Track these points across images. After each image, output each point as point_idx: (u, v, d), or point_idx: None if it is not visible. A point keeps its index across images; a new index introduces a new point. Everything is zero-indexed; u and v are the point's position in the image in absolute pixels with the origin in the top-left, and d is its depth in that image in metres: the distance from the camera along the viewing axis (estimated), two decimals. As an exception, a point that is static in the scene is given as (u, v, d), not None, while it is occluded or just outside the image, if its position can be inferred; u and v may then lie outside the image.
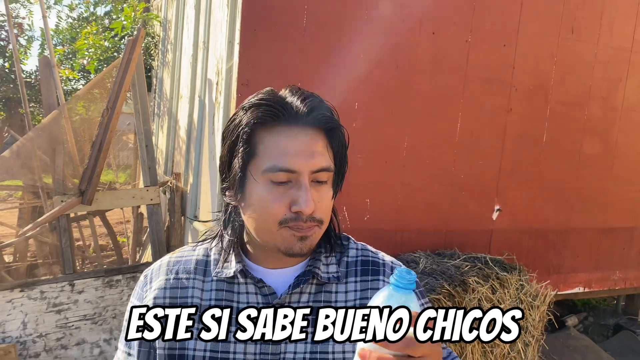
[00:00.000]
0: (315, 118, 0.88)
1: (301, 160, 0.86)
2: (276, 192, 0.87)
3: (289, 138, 0.87)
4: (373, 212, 3.08)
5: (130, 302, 1.02)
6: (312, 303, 0.95)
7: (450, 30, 3.14)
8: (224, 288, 0.96)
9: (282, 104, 0.88)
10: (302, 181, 0.86)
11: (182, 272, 0.99)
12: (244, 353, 0.92)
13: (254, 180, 0.88)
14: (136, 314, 0.96)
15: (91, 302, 3.34)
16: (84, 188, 3.40)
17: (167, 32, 5.60)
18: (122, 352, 1.00)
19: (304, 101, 0.89)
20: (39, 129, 3.45)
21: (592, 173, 3.79)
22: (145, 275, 1.02)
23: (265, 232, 0.90)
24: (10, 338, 3.12)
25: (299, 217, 0.87)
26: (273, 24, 2.70)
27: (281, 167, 0.86)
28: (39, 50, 8.26)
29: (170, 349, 0.94)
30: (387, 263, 1.04)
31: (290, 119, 0.88)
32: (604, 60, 3.67)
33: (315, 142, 0.88)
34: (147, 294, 0.98)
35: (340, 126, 0.92)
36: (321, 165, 0.87)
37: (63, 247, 3.49)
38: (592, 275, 3.94)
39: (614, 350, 3.74)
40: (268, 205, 0.87)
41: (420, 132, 3.15)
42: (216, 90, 3.16)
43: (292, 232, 0.87)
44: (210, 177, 3.23)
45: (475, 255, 3.13)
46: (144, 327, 0.94)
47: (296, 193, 0.87)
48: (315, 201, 0.87)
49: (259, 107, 0.88)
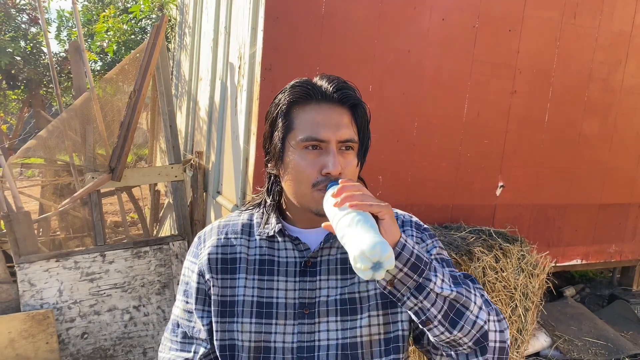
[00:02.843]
0: (341, 96, 1.07)
1: (329, 131, 1.03)
2: (309, 158, 1.03)
3: (319, 113, 1.05)
4: (385, 188, 3.25)
5: (187, 260, 1.19)
6: (340, 255, 1.12)
7: (458, 16, 3.27)
8: (266, 245, 1.13)
9: (313, 85, 1.07)
10: (331, 149, 1.03)
11: (231, 233, 1.16)
12: (285, 298, 1.09)
13: (291, 149, 1.06)
14: (193, 267, 1.16)
15: (121, 271, 3.48)
16: (114, 165, 3.61)
17: (184, 16, 5.73)
18: (181, 301, 1.18)
19: (330, 83, 1.07)
20: (71, 110, 3.65)
21: (591, 152, 3.93)
22: (199, 236, 1.20)
23: (301, 194, 1.06)
24: (48, 304, 3.28)
25: (328, 179, 1.02)
26: (293, 11, 2.84)
27: (313, 137, 1.03)
28: (56, 33, 8.35)
29: (223, 295, 1.10)
30: (399, 216, 1.21)
31: (320, 98, 1.06)
32: (604, 44, 3.79)
33: (341, 116, 1.06)
34: (201, 251, 1.15)
35: (362, 103, 1.11)
36: (347, 135, 1.05)
37: (95, 221, 3.70)
38: (589, 248, 4.12)
39: (608, 318, 3.94)
40: (303, 169, 1.04)
41: (429, 114, 3.30)
42: (239, 73, 3.33)
43: (322, 194, 1.01)
44: (233, 156, 3.41)
45: (480, 228, 3.29)
46: (200, 277, 1.13)
47: (326, 158, 1.02)
48: (342, 166, 1.04)
49: (294, 88, 1.08)
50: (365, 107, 1.12)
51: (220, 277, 1.11)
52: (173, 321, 1.19)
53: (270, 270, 1.11)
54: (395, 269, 0.93)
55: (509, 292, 3.01)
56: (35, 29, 7.28)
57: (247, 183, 3.11)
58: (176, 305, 1.19)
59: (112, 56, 6.24)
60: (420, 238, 1.17)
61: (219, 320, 1.10)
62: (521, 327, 3.11)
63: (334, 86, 1.07)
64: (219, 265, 1.11)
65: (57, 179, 4.34)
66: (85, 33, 7.71)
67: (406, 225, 1.19)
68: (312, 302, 1.09)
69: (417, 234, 1.17)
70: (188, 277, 1.16)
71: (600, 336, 3.60)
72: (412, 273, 0.94)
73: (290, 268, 1.10)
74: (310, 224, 1.13)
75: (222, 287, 1.10)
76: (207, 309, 1.12)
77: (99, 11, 7.82)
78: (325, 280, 1.10)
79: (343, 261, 1.11)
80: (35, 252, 3.33)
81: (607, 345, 3.51)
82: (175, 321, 1.18)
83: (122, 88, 4.17)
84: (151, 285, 3.58)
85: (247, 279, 1.10)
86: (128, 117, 3.62)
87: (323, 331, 1.08)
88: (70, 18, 8.49)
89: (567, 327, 3.68)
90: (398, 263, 0.92)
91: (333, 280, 1.10)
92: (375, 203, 0.92)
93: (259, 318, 1.08)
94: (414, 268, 0.94)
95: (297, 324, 1.08)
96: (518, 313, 3.07)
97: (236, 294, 1.10)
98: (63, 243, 4.30)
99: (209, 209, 4.01)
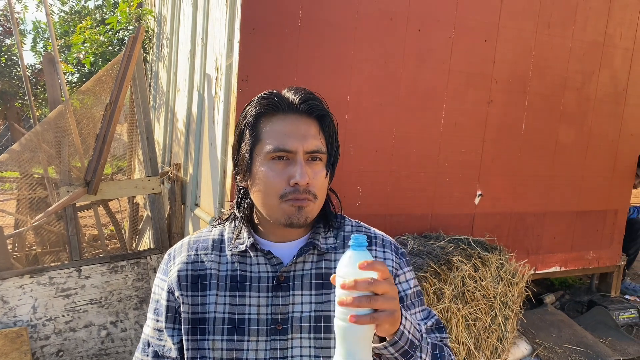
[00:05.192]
0: (308, 107, 1.07)
1: (296, 142, 1.04)
2: (277, 169, 1.04)
3: (286, 124, 1.06)
4: (364, 198, 3.26)
5: (157, 277, 1.17)
6: (314, 270, 1.11)
7: (434, 27, 3.30)
8: (237, 260, 1.11)
9: (280, 97, 1.08)
10: (298, 159, 1.03)
11: (201, 249, 1.14)
12: (258, 313, 1.08)
13: (259, 161, 1.07)
14: (162, 285, 1.14)
15: (97, 286, 3.42)
16: (89, 179, 3.56)
17: (162, 27, 5.70)
18: (151, 319, 1.16)
19: (297, 94, 1.09)
20: (45, 122, 3.59)
21: (568, 160, 3.98)
22: (169, 254, 1.18)
23: (269, 206, 1.06)
24: (22, 322, 3.20)
25: (296, 190, 1.02)
26: (270, 22, 2.84)
27: (280, 148, 1.04)
28: (32, 45, 8.24)
29: (193, 313, 1.09)
30: (378, 235, 1.22)
31: (287, 109, 1.07)
32: (578, 53, 3.86)
33: (308, 127, 1.07)
34: (171, 268, 1.13)
35: (329, 113, 1.11)
36: (314, 146, 1.06)
37: (70, 235, 3.63)
38: (568, 255, 4.16)
39: (587, 325, 3.97)
40: (270, 181, 1.04)
41: (407, 123, 3.31)
42: (216, 85, 3.32)
43: (290, 203, 1.02)
44: (211, 168, 3.38)
45: (459, 237, 3.29)
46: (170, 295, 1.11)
47: (293, 169, 1.03)
48: (310, 177, 1.04)
49: (261, 100, 1.09)
50: (333, 118, 1.13)
51: (190, 294, 1.09)
52: (144, 340, 1.17)
53: (242, 286, 1.09)
54: (386, 351, 0.96)
55: (488, 301, 3.02)
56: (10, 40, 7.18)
57: (225, 195, 3.08)
58: (147, 324, 1.17)
59: (89, 68, 6.18)
60: (398, 265, 1.17)
61: (189, 338, 1.08)
62: (501, 336, 3.12)
63: (301, 97, 1.08)
64: (189, 282, 1.10)
65: (32, 192, 4.27)
66: (62, 44, 7.62)
67: (387, 248, 1.19)
68: (285, 318, 1.07)
69: (396, 260, 1.18)
70: (158, 295, 1.15)
71: (580, 343, 3.62)
72: (402, 357, 0.97)
73: (263, 283, 1.09)
74: (283, 237, 1.12)
75: (193, 305, 1.09)
76: (178, 326, 1.11)
77: (75, 22, 7.74)
78: (299, 295, 1.08)
79: (318, 276, 1.10)
80: (8, 269, 3.26)
81: (587, 352, 3.53)
82: (145, 340, 1.16)
83: (100, 100, 4.12)
84: (128, 300, 3.52)
85: (217, 296, 1.08)
86: (104, 129, 3.58)
87: (296, 347, 1.06)
88: (46, 29, 8.38)
89: (547, 334, 3.70)
90: (391, 348, 0.95)
91: (307, 296, 1.09)
92: (381, 316, 0.87)
93: (231, 335, 1.06)
94: (405, 354, 0.97)
95: (269, 340, 1.06)
96: (498, 322, 3.08)
97: (207, 311, 1.08)
98: (38, 258, 4.22)
99: (187, 222, 3.97)
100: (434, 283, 2.82)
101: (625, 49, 4.06)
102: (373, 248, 1.18)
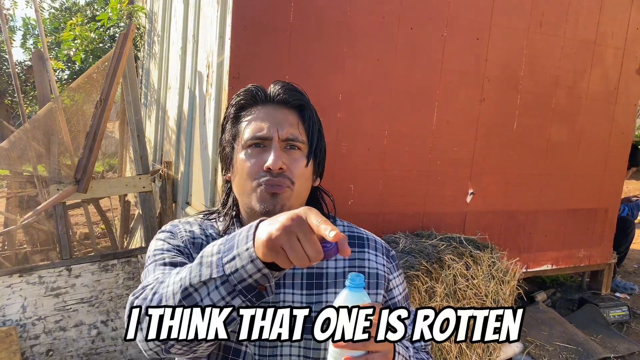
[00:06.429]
0: (286, 98, 1.09)
1: (272, 129, 1.05)
2: (253, 156, 1.05)
3: (264, 113, 1.08)
4: (356, 197, 3.25)
5: (179, 221, 1.15)
6: (306, 269, 1.09)
7: (427, 26, 3.29)
8: None
9: (259, 89, 1.10)
10: (273, 144, 1.04)
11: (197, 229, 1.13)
12: None
13: (238, 152, 1.08)
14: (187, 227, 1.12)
15: (88, 285, 3.39)
16: (79, 177, 3.53)
17: (153, 24, 5.66)
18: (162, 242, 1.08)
19: (277, 85, 1.10)
20: (34, 120, 3.56)
21: (559, 158, 3.99)
22: (173, 223, 1.15)
23: (246, 193, 1.06)
24: (11, 321, 3.17)
25: (270, 174, 1.02)
26: (262, 20, 2.83)
27: (256, 136, 1.05)
28: (22, 41, 8.18)
29: None
30: (371, 238, 1.21)
31: (266, 100, 1.10)
32: (570, 52, 3.86)
33: (285, 116, 1.08)
34: (193, 227, 1.12)
35: (309, 104, 1.11)
36: (289, 133, 1.06)
37: (60, 234, 3.60)
38: (560, 254, 4.17)
39: (578, 322, 3.98)
40: (246, 167, 1.05)
41: (399, 122, 3.31)
42: (207, 82, 3.30)
43: (264, 187, 1.02)
44: (202, 165, 3.36)
45: (451, 235, 3.29)
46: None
47: (267, 154, 1.04)
48: (287, 164, 1.04)
49: (242, 92, 1.11)
50: (313, 109, 1.13)
51: None
52: (153, 266, 1.03)
53: None
54: None
55: (480, 299, 3.02)
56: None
57: (216, 193, 3.07)
58: (153, 254, 1.05)
59: (80, 65, 6.13)
60: (389, 269, 1.17)
61: None
62: (493, 334, 3.11)
63: (280, 89, 1.09)
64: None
65: (21, 191, 4.23)
66: (52, 41, 7.56)
67: (379, 251, 1.19)
68: None
69: (387, 264, 1.18)
70: (179, 229, 1.11)
71: (571, 340, 3.64)
72: None
73: None
74: None
75: None
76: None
77: (66, 19, 7.68)
78: (290, 294, 1.07)
79: (309, 276, 1.09)
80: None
81: (577, 350, 3.54)
82: (156, 263, 1.03)
83: (90, 97, 4.08)
84: (119, 299, 3.49)
85: None
86: (94, 127, 3.55)
87: (285, 346, 1.05)
88: (36, 26, 8.31)
89: (538, 332, 3.71)
90: None
91: (298, 295, 1.07)
92: (375, 358, 0.86)
93: None
94: None
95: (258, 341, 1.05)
96: (489, 320, 3.07)
97: None
98: (28, 257, 4.18)
99: (179, 220, 3.94)
100: (425, 281, 2.82)
101: (616, 48, 4.07)
102: (366, 250, 1.17)
